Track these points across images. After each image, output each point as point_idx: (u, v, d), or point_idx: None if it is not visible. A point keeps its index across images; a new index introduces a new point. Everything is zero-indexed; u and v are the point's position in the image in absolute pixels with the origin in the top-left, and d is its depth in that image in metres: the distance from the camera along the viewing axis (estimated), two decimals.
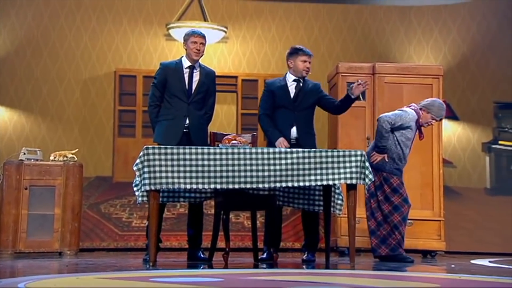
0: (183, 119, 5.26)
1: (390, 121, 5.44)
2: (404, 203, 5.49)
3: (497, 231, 7.87)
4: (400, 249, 5.48)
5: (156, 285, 3.43)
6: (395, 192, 5.48)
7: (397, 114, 5.49)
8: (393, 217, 5.46)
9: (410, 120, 5.49)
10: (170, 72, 5.34)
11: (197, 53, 5.30)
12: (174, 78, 5.31)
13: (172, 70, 5.34)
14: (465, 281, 3.80)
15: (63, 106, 8.17)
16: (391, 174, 5.49)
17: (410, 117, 5.49)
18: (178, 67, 5.35)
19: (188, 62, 5.36)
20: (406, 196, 5.54)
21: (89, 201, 7.79)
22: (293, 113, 5.40)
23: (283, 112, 5.41)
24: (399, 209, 5.46)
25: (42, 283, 3.43)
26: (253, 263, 5.11)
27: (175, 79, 5.31)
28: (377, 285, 3.60)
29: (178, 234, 7.36)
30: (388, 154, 5.49)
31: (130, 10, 8.39)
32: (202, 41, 5.32)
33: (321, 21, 8.59)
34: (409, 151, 5.58)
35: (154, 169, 4.51)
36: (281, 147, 5.10)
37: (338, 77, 6.95)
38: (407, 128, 5.48)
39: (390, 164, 5.50)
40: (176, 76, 5.32)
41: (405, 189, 5.57)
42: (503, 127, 8.38)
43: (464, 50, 8.46)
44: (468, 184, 8.24)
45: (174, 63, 5.44)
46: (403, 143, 5.50)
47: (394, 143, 5.50)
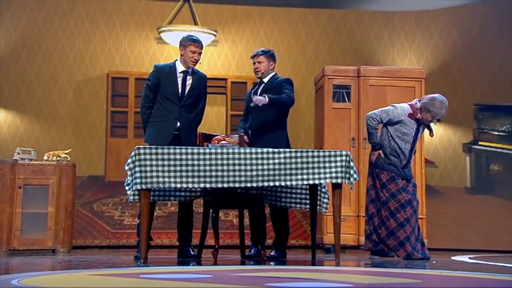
0: (174, 122, 5.25)
1: (375, 118, 5.40)
2: (391, 199, 5.38)
3: (477, 229, 7.92)
4: (382, 244, 5.41)
5: (147, 282, 3.42)
6: (384, 187, 5.42)
7: (384, 110, 5.45)
8: (382, 212, 5.42)
9: (399, 114, 5.38)
10: (164, 75, 5.31)
11: (194, 62, 5.27)
12: (167, 82, 5.28)
13: (166, 73, 5.31)
14: (445, 277, 3.82)
15: (57, 107, 8.13)
16: (382, 169, 5.44)
17: (398, 112, 5.39)
18: (172, 70, 5.31)
19: (183, 66, 5.32)
20: (395, 191, 5.38)
21: (82, 199, 7.77)
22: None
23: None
24: (386, 204, 5.41)
25: (35, 279, 3.41)
26: (240, 260, 5.11)
27: (168, 83, 5.28)
28: (361, 281, 3.61)
29: (169, 232, 7.35)
30: (382, 150, 5.48)
31: (122, 13, 8.37)
32: (200, 51, 5.29)
33: (308, 25, 8.61)
34: (411, 147, 5.40)
35: (145, 168, 4.51)
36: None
37: (325, 80, 6.97)
38: (399, 122, 5.38)
39: (383, 159, 5.45)
40: (169, 79, 5.29)
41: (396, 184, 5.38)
42: (483, 128, 8.44)
43: (445, 54, 8.51)
44: (449, 183, 8.29)
45: (168, 66, 5.39)
46: (400, 138, 5.39)
47: (388, 138, 5.44)
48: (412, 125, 5.40)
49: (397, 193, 5.41)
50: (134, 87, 8.17)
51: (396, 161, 5.43)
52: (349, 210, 6.72)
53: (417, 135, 5.46)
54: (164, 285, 3.27)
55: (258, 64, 5.36)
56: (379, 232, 5.40)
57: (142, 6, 8.41)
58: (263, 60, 5.35)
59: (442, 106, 5.36)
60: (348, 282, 3.44)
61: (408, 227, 5.34)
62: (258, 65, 5.36)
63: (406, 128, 5.40)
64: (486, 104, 8.40)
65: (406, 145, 5.41)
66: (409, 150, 5.43)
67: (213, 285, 3.28)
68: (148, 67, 8.24)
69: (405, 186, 5.43)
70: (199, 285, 3.26)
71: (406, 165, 5.45)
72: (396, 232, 5.34)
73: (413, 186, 5.49)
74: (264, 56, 5.36)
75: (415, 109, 5.40)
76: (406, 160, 5.44)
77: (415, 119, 5.39)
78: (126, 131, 8.19)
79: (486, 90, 8.39)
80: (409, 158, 5.45)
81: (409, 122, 5.39)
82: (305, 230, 7.76)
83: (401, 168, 5.44)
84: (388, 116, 5.40)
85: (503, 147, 8.30)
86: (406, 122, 5.39)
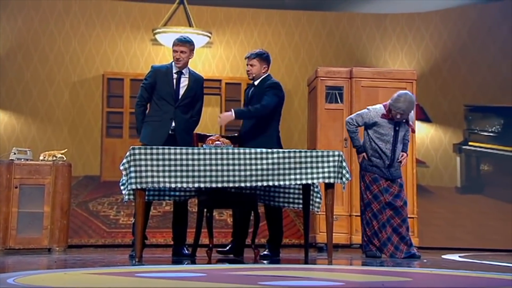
0: (169, 122, 5.24)
1: (352, 122, 5.46)
2: (373, 200, 5.39)
3: (467, 228, 7.95)
4: (370, 245, 5.42)
5: (141, 281, 3.42)
6: (367, 189, 5.45)
7: (359, 113, 5.50)
8: (366, 214, 5.44)
9: (373, 116, 5.41)
10: (160, 75, 5.32)
11: (177, 61, 5.27)
12: (163, 82, 5.29)
13: (162, 74, 5.32)
14: (436, 275, 3.83)
15: (53, 107, 8.10)
16: (365, 171, 5.47)
17: (371, 114, 5.42)
18: (168, 71, 5.33)
19: (176, 68, 5.33)
20: (377, 193, 5.39)
21: (77, 199, 7.74)
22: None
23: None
24: (369, 206, 5.42)
25: (31, 278, 3.40)
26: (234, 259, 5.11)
27: (164, 83, 5.29)
28: (353, 279, 3.62)
29: (164, 231, 7.34)
30: (365, 152, 5.50)
31: (117, 15, 8.36)
32: (182, 49, 5.24)
33: (301, 28, 8.61)
34: (392, 146, 5.40)
35: (140, 168, 4.50)
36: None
37: (317, 81, 6.98)
38: (375, 124, 5.40)
39: (366, 162, 5.48)
40: (165, 79, 5.29)
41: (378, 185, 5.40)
42: (473, 129, 8.46)
43: (436, 56, 8.53)
44: (440, 183, 8.31)
45: (165, 67, 5.41)
46: (379, 139, 5.41)
47: (369, 140, 5.47)
48: (388, 125, 5.40)
49: (379, 194, 5.42)
50: (129, 88, 8.15)
51: (378, 162, 5.43)
52: (342, 209, 6.73)
53: (397, 134, 5.43)
54: (159, 283, 3.26)
55: (251, 66, 5.35)
56: (366, 233, 5.43)
57: (137, 8, 8.40)
58: (255, 63, 5.33)
59: (397, 100, 5.33)
60: (340, 281, 3.44)
61: (389, 228, 5.36)
62: (250, 68, 5.35)
63: (383, 128, 5.41)
64: (476, 105, 8.42)
65: (386, 145, 5.41)
66: (391, 150, 5.41)
67: (207, 283, 3.28)
68: (143, 68, 8.23)
69: (388, 187, 5.42)
70: (193, 283, 3.26)
71: (390, 165, 5.44)
72: (379, 233, 5.38)
73: (399, 186, 5.46)
74: (257, 59, 5.33)
75: (387, 109, 5.41)
76: (389, 160, 5.42)
77: (390, 119, 5.39)
78: (121, 131, 8.17)
79: (476, 92, 8.42)
80: (392, 158, 5.42)
81: (384, 122, 5.40)
82: (298, 229, 7.77)
83: (385, 168, 5.43)
84: (363, 119, 5.45)
85: (492, 147, 8.33)
86: (381, 123, 5.41)
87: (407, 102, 5.33)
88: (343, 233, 6.73)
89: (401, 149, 5.53)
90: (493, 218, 7.95)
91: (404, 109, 5.33)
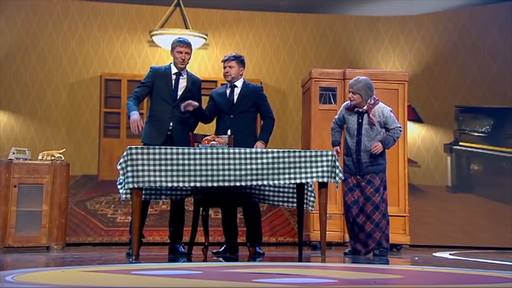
0: (167, 121, 5.25)
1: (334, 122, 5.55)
2: (344, 196, 5.40)
3: (457, 226, 7.97)
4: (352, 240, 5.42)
5: (138, 278, 3.41)
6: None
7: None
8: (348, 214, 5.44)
9: (340, 111, 5.51)
10: (159, 75, 5.35)
11: (182, 62, 5.32)
12: (162, 82, 5.32)
13: (161, 74, 5.36)
14: (427, 272, 3.84)
15: (51, 108, 8.08)
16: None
17: (341, 109, 5.55)
18: (167, 72, 5.38)
19: (175, 69, 5.37)
20: (344, 193, 5.38)
21: (75, 198, 7.73)
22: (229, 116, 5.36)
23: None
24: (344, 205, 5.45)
25: (29, 276, 3.39)
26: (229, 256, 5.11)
27: (162, 83, 5.32)
28: (346, 276, 3.62)
29: (160, 229, 7.33)
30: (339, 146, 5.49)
31: (115, 17, 8.34)
32: (187, 51, 5.33)
33: (295, 30, 8.62)
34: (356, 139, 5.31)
35: (137, 168, 4.50)
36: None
37: (311, 82, 6.98)
38: (344, 118, 5.44)
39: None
40: (164, 80, 5.33)
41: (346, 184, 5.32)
42: (463, 130, 8.48)
43: (427, 58, 8.55)
44: (431, 182, 8.33)
45: (163, 68, 5.47)
46: (348, 134, 5.41)
47: (345, 139, 5.48)
48: (353, 117, 5.39)
49: (345, 194, 5.41)
50: (126, 89, 8.14)
51: (348, 159, 5.41)
52: (335, 208, 6.74)
53: (360, 126, 5.33)
54: (155, 281, 3.26)
55: (229, 68, 5.42)
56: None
57: (134, 10, 8.39)
58: (234, 65, 5.42)
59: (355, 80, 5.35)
60: (333, 278, 3.45)
61: (355, 227, 5.35)
62: (229, 69, 5.42)
63: (349, 122, 5.41)
64: (466, 106, 8.44)
65: (352, 139, 5.37)
66: (355, 143, 5.33)
67: (202, 281, 3.28)
68: (140, 70, 8.22)
69: (354, 186, 5.33)
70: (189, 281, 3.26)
71: (358, 160, 5.31)
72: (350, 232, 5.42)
73: (366, 183, 5.29)
74: (235, 61, 5.43)
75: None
76: (356, 155, 5.31)
77: (352, 110, 5.37)
78: (118, 131, 8.15)
79: (467, 93, 8.44)
80: (357, 152, 5.30)
81: (349, 115, 5.40)
82: (292, 227, 7.77)
83: (354, 164, 5.34)
84: (338, 116, 5.52)
85: (482, 147, 8.35)
86: (347, 116, 5.42)
87: (356, 80, 5.34)
88: (337, 231, 6.74)
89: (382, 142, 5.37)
90: (483, 216, 7.97)
91: (351, 84, 5.32)
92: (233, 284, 3.09)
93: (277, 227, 7.85)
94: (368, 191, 5.33)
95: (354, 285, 3.18)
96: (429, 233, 7.80)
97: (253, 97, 5.42)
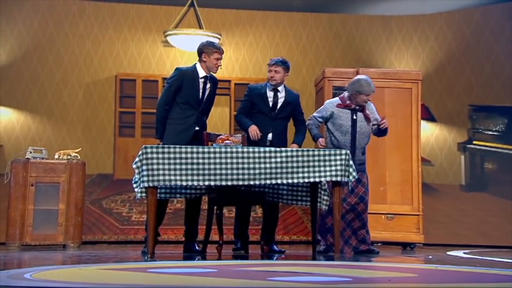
0: (193, 126, 5.22)
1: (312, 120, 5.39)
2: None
3: (471, 225, 7.91)
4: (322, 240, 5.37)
5: (154, 276, 3.43)
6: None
7: (317, 110, 5.50)
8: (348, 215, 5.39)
9: (328, 108, 5.36)
10: (187, 79, 5.23)
11: (217, 68, 5.28)
12: (190, 86, 5.22)
13: (189, 78, 5.23)
14: (441, 271, 3.82)
15: (67, 108, 8.14)
16: None
17: (327, 106, 5.39)
18: (194, 75, 5.24)
19: (204, 72, 5.27)
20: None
21: (91, 197, 7.77)
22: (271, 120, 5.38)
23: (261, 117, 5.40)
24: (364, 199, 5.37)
25: (47, 273, 3.42)
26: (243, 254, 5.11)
27: (190, 87, 5.22)
28: (360, 275, 3.61)
29: (175, 228, 7.35)
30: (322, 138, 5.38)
31: (130, 18, 8.37)
32: (222, 57, 5.33)
33: (308, 29, 8.60)
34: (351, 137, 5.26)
35: (152, 167, 4.51)
36: (253, 134, 5.19)
37: (325, 81, 6.96)
38: (332, 116, 5.32)
39: None
40: (192, 84, 5.22)
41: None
42: (477, 128, 8.42)
43: (441, 57, 8.50)
44: (444, 181, 8.28)
45: (190, 70, 5.30)
46: (338, 131, 5.28)
47: (329, 135, 5.37)
48: (345, 114, 5.32)
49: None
50: (141, 89, 8.17)
51: None
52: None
53: (355, 124, 5.29)
54: (170, 279, 3.27)
55: (275, 73, 5.41)
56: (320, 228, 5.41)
57: (149, 11, 8.41)
58: (280, 70, 5.41)
59: (368, 83, 5.32)
60: (348, 276, 3.44)
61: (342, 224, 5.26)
62: (274, 74, 5.41)
63: (341, 118, 5.32)
64: (480, 105, 8.38)
65: (345, 136, 5.28)
66: (350, 140, 5.27)
67: (217, 279, 3.28)
68: (154, 70, 8.25)
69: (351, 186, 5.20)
70: (205, 279, 3.26)
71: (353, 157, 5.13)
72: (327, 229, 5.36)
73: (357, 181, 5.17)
74: (282, 66, 5.42)
75: (343, 98, 5.35)
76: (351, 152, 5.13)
77: (346, 107, 5.31)
78: (133, 131, 8.19)
79: (480, 92, 8.38)
80: (353, 150, 5.21)
81: (341, 112, 5.32)
82: (306, 226, 7.76)
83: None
84: (321, 113, 5.39)
85: (496, 146, 8.28)
86: (338, 113, 5.32)
87: (371, 83, 5.32)
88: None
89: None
90: (497, 215, 7.91)
91: (374, 90, 5.31)
92: (247, 282, 3.09)
93: (290, 226, 7.84)
94: (360, 191, 5.34)
95: (369, 283, 3.17)
96: (442, 231, 7.76)
97: (293, 105, 5.47)
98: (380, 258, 5.07)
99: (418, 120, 6.78)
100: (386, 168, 6.61)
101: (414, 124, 6.71)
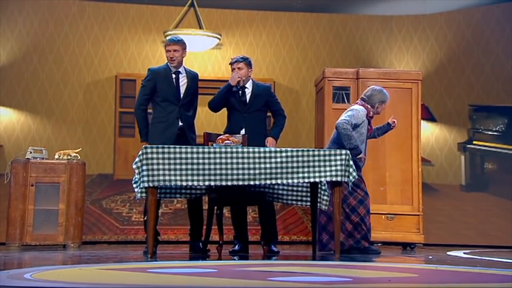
0: (176, 121, 5.27)
1: (347, 122, 5.25)
2: (366, 196, 5.40)
3: (471, 225, 7.91)
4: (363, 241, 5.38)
5: (154, 276, 3.43)
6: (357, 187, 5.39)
7: (350, 114, 5.32)
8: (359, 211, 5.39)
9: (363, 116, 5.38)
10: (159, 77, 5.32)
11: (170, 60, 5.31)
12: (164, 83, 5.30)
13: (161, 76, 5.32)
14: (441, 271, 3.82)
15: (67, 108, 8.14)
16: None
17: (361, 114, 5.38)
18: (166, 72, 5.34)
19: (173, 68, 5.35)
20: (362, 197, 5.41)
21: (91, 197, 7.77)
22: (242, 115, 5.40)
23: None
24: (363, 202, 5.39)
25: (47, 273, 3.42)
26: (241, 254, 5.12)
27: (164, 84, 5.29)
28: (360, 275, 3.61)
29: (175, 228, 7.35)
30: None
31: (130, 18, 8.37)
32: (175, 48, 5.29)
33: (308, 29, 8.60)
34: (365, 146, 5.41)
35: (152, 167, 4.51)
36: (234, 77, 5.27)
37: (325, 81, 6.96)
38: (361, 124, 5.35)
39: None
40: (165, 81, 5.30)
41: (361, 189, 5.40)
42: (477, 128, 8.42)
43: (441, 57, 8.50)
44: (444, 181, 8.28)
45: (162, 68, 5.41)
46: (359, 140, 5.33)
47: None
48: (366, 124, 5.43)
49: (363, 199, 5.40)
50: None
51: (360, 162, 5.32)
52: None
53: (368, 132, 5.47)
54: (171, 279, 3.27)
55: (238, 70, 5.42)
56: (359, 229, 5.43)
57: (149, 11, 8.42)
58: (243, 67, 5.43)
59: (383, 90, 5.49)
60: (348, 276, 3.44)
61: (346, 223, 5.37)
62: (238, 71, 5.42)
63: (364, 127, 5.39)
64: (480, 105, 8.38)
65: (362, 144, 5.35)
66: (364, 149, 5.40)
67: (217, 279, 3.28)
68: None
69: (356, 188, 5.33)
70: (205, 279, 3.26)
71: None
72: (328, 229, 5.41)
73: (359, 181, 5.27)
74: (244, 63, 5.44)
75: (368, 108, 5.41)
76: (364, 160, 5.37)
77: (368, 117, 5.43)
78: (133, 131, 8.18)
79: (480, 92, 8.38)
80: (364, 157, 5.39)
81: (366, 122, 5.42)
82: (306, 226, 7.76)
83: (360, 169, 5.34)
84: (356, 120, 5.31)
85: (496, 146, 8.28)
86: (364, 123, 5.40)
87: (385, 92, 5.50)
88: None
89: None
90: (497, 215, 7.91)
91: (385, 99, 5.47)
92: (247, 282, 3.09)
93: (290, 226, 7.85)
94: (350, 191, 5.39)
95: (369, 283, 3.17)
96: (442, 232, 7.76)
97: (264, 96, 5.47)
98: (380, 258, 5.07)
99: (418, 120, 6.78)
100: (386, 168, 6.61)
101: (414, 124, 6.72)
